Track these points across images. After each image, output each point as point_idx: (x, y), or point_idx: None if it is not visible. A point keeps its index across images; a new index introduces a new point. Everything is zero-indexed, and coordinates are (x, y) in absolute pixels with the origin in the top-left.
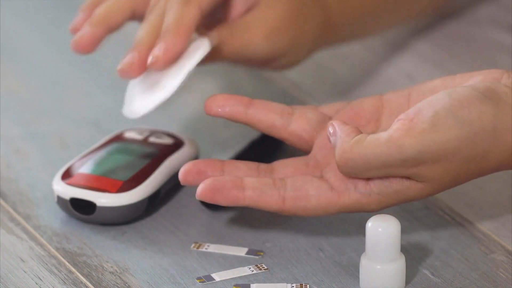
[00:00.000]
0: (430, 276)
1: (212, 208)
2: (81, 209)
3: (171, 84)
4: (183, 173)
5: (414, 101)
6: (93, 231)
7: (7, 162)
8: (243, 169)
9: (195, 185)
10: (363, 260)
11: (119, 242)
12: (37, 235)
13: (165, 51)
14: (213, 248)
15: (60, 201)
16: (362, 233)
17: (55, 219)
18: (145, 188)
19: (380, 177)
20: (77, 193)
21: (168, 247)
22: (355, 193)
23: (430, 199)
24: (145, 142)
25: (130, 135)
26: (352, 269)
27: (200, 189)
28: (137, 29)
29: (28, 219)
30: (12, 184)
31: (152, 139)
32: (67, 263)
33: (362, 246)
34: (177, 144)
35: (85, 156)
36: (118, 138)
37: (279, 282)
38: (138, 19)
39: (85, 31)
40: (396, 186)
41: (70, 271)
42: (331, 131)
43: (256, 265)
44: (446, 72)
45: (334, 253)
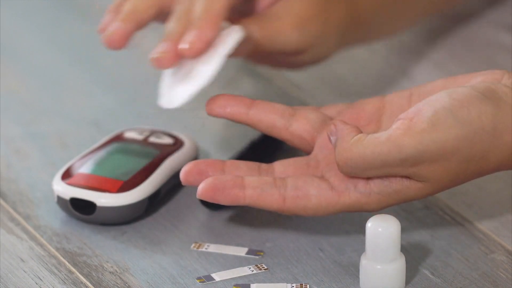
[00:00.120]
0: (430, 276)
1: (212, 208)
2: (81, 209)
3: (206, 71)
4: (184, 173)
5: (415, 102)
6: (93, 231)
7: (7, 162)
8: (244, 169)
9: (196, 185)
10: (363, 260)
11: (119, 242)
12: (37, 235)
13: (198, 37)
14: (213, 248)
15: (60, 201)
16: (362, 233)
17: (55, 219)
18: (145, 188)
19: (380, 177)
20: (77, 193)
21: (168, 247)
22: (355, 192)
23: (430, 199)
24: (145, 142)
25: (130, 135)
26: (352, 269)
27: (201, 188)
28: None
29: (28, 219)
30: (12, 184)
31: (152, 139)
32: (67, 263)
33: (362, 246)
34: (177, 144)
35: (85, 156)
36: (118, 138)
37: (279, 282)
38: (164, 15)
39: (116, 27)
40: (396, 185)
41: (70, 271)
42: (331, 130)
43: (256, 265)
44: (446, 72)
45: (334, 253)
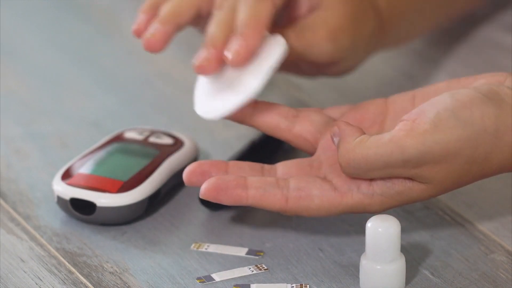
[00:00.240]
0: (430, 276)
1: (212, 208)
2: (81, 209)
3: (251, 85)
4: (187, 173)
5: (419, 103)
6: (93, 231)
7: (7, 162)
8: (246, 170)
9: (199, 185)
10: (363, 260)
11: (119, 242)
12: (37, 235)
13: (243, 47)
14: (213, 248)
15: (60, 201)
16: (362, 233)
17: (55, 219)
18: (145, 188)
19: (383, 178)
20: (77, 193)
21: (168, 247)
22: (358, 193)
23: (430, 199)
24: (145, 142)
25: (130, 135)
26: (352, 269)
27: (203, 188)
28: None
29: (28, 219)
30: (12, 184)
31: (152, 139)
32: (67, 263)
33: (362, 246)
34: (177, 144)
35: (85, 156)
36: (118, 138)
37: (279, 282)
38: (203, 17)
39: (156, 29)
40: (398, 187)
41: (70, 271)
42: (334, 131)
43: (256, 265)
44: (448, 73)
45: (334, 253)
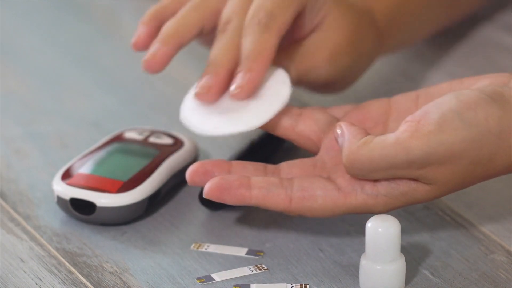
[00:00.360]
0: (430, 276)
1: (212, 208)
2: (81, 209)
3: (253, 122)
4: (190, 173)
5: (422, 104)
6: (93, 231)
7: (7, 162)
8: (250, 170)
9: (202, 185)
10: (363, 260)
11: (119, 242)
12: (37, 235)
13: (249, 81)
14: (213, 248)
15: (60, 201)
16: (362, 233)
17: (55, 219)
18: (145, 188)
19: (387, 179)
20: (77, 193)
21: (168, 247)
22: (362, 194)
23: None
24: (145, 142)
25: (130, 135)
26: (352, 269)
27: (207, 188)
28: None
29: (28, 219)
30: (12, 184)
31: (152, 139)
32: (67, 263)
33: (362, 247)
34: (177, 144)
35: (85, 156)
36: (118, 138)
37: (279, 282)
38: (206, 35)
39: (157, 50)
40: (403, 188)
41: (70, 271)
42: (338, 132)
43: (256, 265)
44: (445, 72)
45: (334, 253)
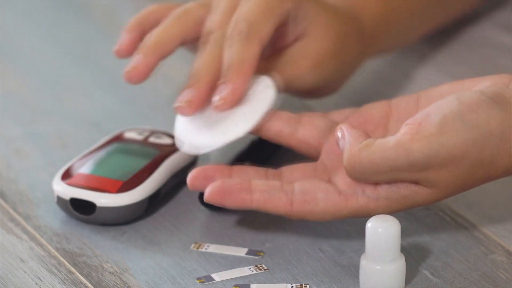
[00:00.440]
0: (430, 276)
1: (212, 208)
2: (81, 209)
3: (242, 127)
4: (191, 178)
5: (422, 106)
6: (93, 231)
7: (7, 162)
8: (251, 174)
9: (203, 190)
10: (363, 261)
11: (119, 242)
12: (37, 235)
13: (231, 93)
14: (213, 248)
15: (60, 201)
16: (362, 233)
17: (55, 219)
18: (145, 188)
19: (388, 182)
20: (77, 193)
21: (168, 247)
22: (363, 197)
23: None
24: (145, 142)
25: (130, 135)
26: (352, 269)
27: (208, 192)
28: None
29: (28, 219)
30: (12, 184)
31: (152, 139)
32: (67, 263)
33: (362, 247)
34: None
35: (85, 156)
36: (118, 138)
37: (279, 282)
38: (188, 45)
39: (138, 61)
40: (404, 191)
41: (70, 271)
42: (339, 135)
43: (256, 266)
44: (445, 72)
45: (334, 253)
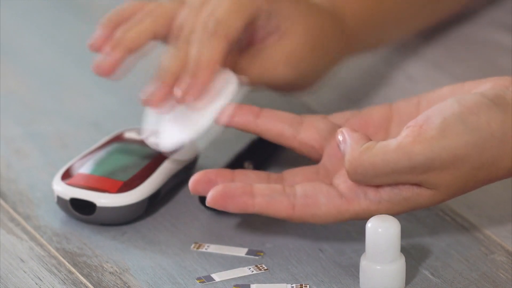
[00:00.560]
0: (430, 276)
1: (212, 209)
2: (81, 209)
3: (202, 122)
4: (193, 182)
5: (424, 109)
6: (93, 231)
7: (7, 162)
8: (253, 178)
9: (205, 194)
10: (363, 261)
11: (119, 242)
12: (37, 235)
13: (194, 86)
14: (213, 248)
15: (60, 201)
16: (362, 233)
17: (55, 219)
18: (145, 188)
19: (390, 185)
20: (77, 193)
21: (168, 247)
22: (365, 200)
23: None
24: (145, 142)
25: (130, 135)
26: (352, 269)
27: (210, 196)
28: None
29: (28, 219)
30: (12, 184)
31: None
32: (67, 263)
33: (362, 247)
34: None
35: (85, 156)
36: (118, 139)
37: (279, 282)
38: (162, 40)
39: (106, 55)
40: (405, 193)
41: (70, 271)
42: (340, 138)
43: (256, 266)
44: (445, 72)
45: (334, 253)
